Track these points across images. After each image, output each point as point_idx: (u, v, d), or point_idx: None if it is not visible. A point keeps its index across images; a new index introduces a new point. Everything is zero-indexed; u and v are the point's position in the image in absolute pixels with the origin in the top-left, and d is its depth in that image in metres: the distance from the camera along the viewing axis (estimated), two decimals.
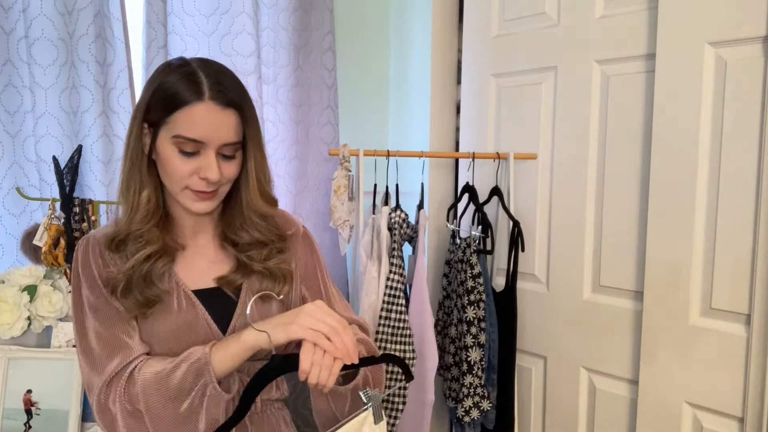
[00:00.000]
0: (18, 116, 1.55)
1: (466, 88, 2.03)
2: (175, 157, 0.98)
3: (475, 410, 1.73)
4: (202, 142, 0.97)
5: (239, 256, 1.08)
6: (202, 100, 0.96)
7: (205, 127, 0.96)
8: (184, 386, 0.94)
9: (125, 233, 1.02)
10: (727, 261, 1.43)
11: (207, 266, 1.09)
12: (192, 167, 0.98)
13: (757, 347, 1.38)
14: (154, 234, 1.02)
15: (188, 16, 1.72)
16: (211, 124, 0.97)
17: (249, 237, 1.08)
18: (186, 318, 1.03)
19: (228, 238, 1.09)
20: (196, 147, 0.98)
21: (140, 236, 1.01)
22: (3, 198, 1.56)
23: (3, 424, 1.41)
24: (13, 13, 1.51)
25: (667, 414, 1.54)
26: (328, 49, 1.98)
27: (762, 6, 1.34)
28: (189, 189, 1.00)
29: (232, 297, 1.07)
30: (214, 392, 0.94)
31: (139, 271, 1.00)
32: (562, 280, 1.80)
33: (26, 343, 1.46)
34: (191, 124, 0.96)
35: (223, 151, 1.00)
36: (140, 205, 1.01)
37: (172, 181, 1.00)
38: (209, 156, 0.98)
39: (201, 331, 1.04)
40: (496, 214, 1.93)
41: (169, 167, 0.99)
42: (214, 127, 0.97)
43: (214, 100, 0.97)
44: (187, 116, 0.96)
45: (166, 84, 0.98)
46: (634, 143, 1.61)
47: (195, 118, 0.96)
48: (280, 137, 1.90)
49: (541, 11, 1.80)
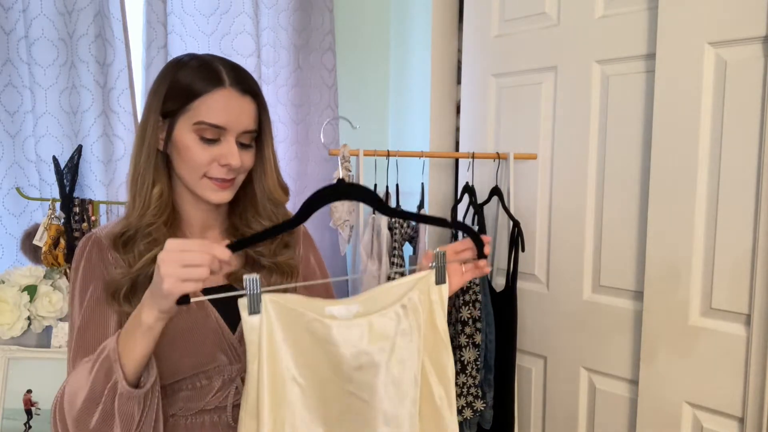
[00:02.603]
0: (18, 116, 1.55)
1: (466, 88, 2.03)
2: (196, 145, 0.98)
3: (468, 410, 1.73)
4: (224, 128, 0.98)
5: (248, 252, 1.08)
6: (223, 86, 0.98)
7: (226, 112, 0.98)
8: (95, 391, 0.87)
9: (135, 229, 1.01)
10: (727, 261, 1.43)
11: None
12: (212, 155, 0.99)
13: (757, 347, 1.38)
14: (161, 232, 1.01)
15: (188, 16, 1.72)
16: (232, 110, 0.98)
17: (261, 228, 1.06)
18: (196, 317, 1.02)
19: (236, 234, 1.09)
20: (217, 134, 0.98)
21: (149, 233, 1.00)
22: (3, 198, 1.56)
23: (3, 424, 1.41)
24: (13, 13, 1.51)
25: (667, 414, 1.54)
26: (328, 49, 1.98)
27: (762, 6, 1.33)
28: (207, 178, 1.00)
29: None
30: (125, 390, 0.86)
31: (145, 273, 0.98)
32: (562, 280, 1.80)
33: (26, 343, 1.46)
34: (213, 110, 0.97)
35: (242, 139, 1.01)
36: (152, 199, 1.01)
37: (191, 170, 0.99)
38: (230, 142, 0.99)
39: (211, 330, 1.02)
40: (496, 214, 1.93)
41: (188, 155, 0.98)
42: (235, 113, 0.99)
43: (234, 87, 0.98)
44: (209, 102, 0.97)
45: (183, 74, 0.99)
46: (634, 143, 1.61)
47: (217, 103, 0.97)
48: (280, 137, 1.90)
49: (541, 11, 1.80)
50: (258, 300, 0.84)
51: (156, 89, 1.01)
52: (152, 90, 1.02)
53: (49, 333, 1.48)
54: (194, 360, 1.02)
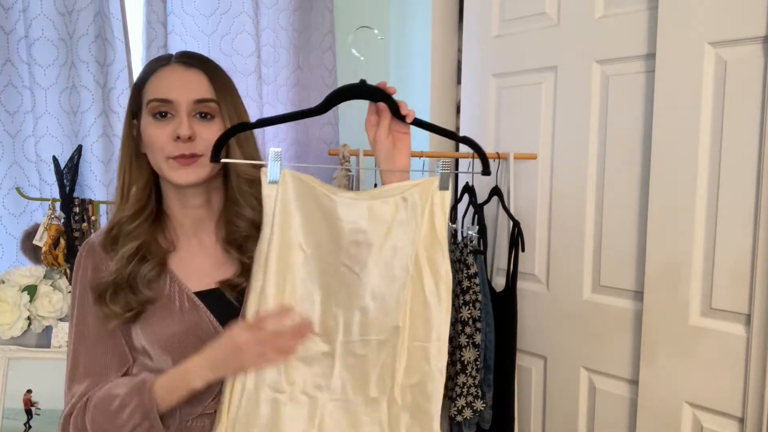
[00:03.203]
0: (18, 116, 1.55)
1: (466, 88, 2.03)
2: (152, 125, 1.00)
3: (467, 410, 1.73)
4: (171, 101, 0.99)
5: (242, 259, 1.06)
6: (167, 64, 1.03)
7: (171, 85, 1.00)
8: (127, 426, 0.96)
9: (119, 226, 1.03)
10: (727, 261, 1.43)
11: (210, 268, 1.07)
12: (167, 132, 0.99)
13: (757, 347, 1.38)
14: (142, 229, 1.03)
15: (188, 16, 1.72)
16: (176, 81, 1.01)
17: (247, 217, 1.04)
18: (190, 321, 1.01)
19: (231, 241, 1.07)
20: (168, 108, 0.99)
21: (131, 231, 1.02)
22: (3, 198, 1.56)
23: (3, 424, 1.41)
24: (13, 13, 1.51)
25: (667, 414, 1.54)
26: (328, 49, 1.98)
27: (762, 6, 1.33)
28: (170, 158, 1.00)
29: (232, 300, 1.06)
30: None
31: (125, 272, 1.00)
32: (562, 280, 1.80)
33: (26, 343, 1.46)
34: (158, 86, 1.01)
35: (198, 109, 1.00)
36: (130, 196, 1.03)
37: (155, 153, 1.01)
38: (181, 115, 0.99)
39: (206, 333, 1.01)
40: (496, 214, 1.93)
41: (149, 140, 1.00)
42: (179, 84, 1.00)
43: (177, 62, 1.03)
44: (154, 81, 1.02)
45: (143, 71, 1.06)
46: (634, 143, 1.61)
47: (160, 79, 1.01)
48: (280, 137, 1.90)
49: (541, 11, 1.80)
50: (278, 169, 0.92)
51: (131, 93, 1.07)
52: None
53: (49, 333, 1.48)
54: None
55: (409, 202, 0.97)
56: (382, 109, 1.00)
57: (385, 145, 1.02)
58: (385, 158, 1.03)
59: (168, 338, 1.00)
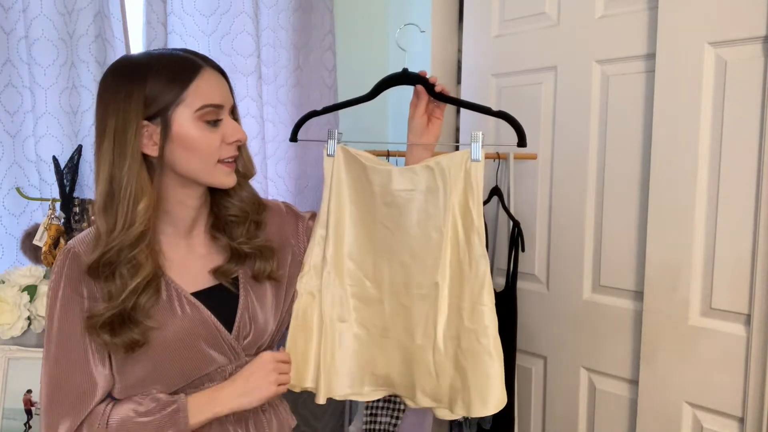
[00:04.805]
0: (18, 116, 1.55)
1: (466, 88, 2.03)
2: (204, 131, 0.96)
3: None
4: (222, 106, 0.99)
5: (231, 244, 1.06)
6: (204, 67, 0.98)
7: (219, 90, 0.99)
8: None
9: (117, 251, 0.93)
10: (727, 261, 1.43)
11: (201, 263, 1.07)
12: (219, 136, 0.99)
13: (757, 347, 1.38)
14: (144, 255, 0.94)
15: (188, 16, 1.72)
16: (220, 87, 1.00)
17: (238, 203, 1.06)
18: (191, 322, 1.01)
19: (219, 226, 1.07)
20: (218, 114, 0.99)
21: (133, 258, 0.93)
22: (3, 198, 1.56)
23: (3, 424, 1.41)
24: (13, 13, 1.51)
25: (667, 414, 1.54)
26: (328, 49, 1.98)
27: (762, 6, 1.33)
28: (220, 162, 0.99)
29: (231, 290, 1.06)
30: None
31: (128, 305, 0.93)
32: (562, 280, 1.80)
33: (26, 343, 1.46)
34: (209, 90, 0.97)
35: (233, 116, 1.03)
36: (137, 215, 0.92)
37: (204, 159, 0.97)
38: (228, 119, 1.00)
39: (208, 333, 1.02)
40: (496, 214, 1.93)
41: (198, 145, 0.96)
42: (222, 89, 1.01)
43: (209, 66, 1.00)
44: (202, 85, 0.96)
45: (160, 69, 0.94)
46: (634, 143, 1.61)
47: (208, 83, 0.97)
48: (280, 137, 1.90)
49: (541, 11, 1.80)
50: (334, 146, 1.19)
51: (127, 94, 0.93)
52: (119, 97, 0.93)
53: None
54: (194, 365, 1.02)
55: (436, 171, 1.10)
56: (420, 91, 1.17)
57: (420, 122, 1.19)
58: (418, 134, 1.19)
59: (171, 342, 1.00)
